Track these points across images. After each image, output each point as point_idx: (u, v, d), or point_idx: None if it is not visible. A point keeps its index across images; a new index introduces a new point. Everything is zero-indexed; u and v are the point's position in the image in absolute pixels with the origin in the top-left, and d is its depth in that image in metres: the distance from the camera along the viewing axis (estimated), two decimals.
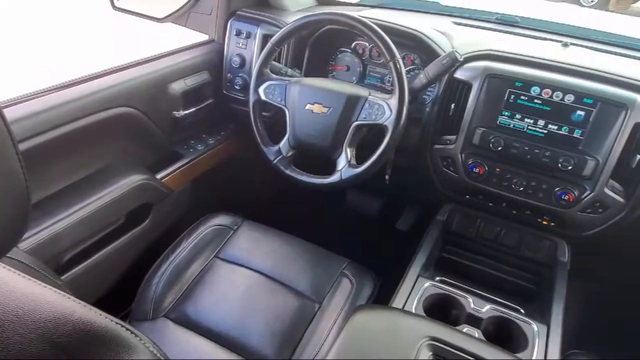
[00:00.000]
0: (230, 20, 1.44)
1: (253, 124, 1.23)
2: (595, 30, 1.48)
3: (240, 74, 1.43)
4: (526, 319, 1.01)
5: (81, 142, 1.12)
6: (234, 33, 1.43)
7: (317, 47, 1.39)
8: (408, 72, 1.31)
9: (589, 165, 1.06)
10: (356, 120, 1.11)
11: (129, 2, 1.44)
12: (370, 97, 1.11)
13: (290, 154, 1.20)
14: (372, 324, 0.87)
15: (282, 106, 1.19)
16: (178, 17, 1.50)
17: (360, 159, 1.14)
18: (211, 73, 1.45)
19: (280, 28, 1.20)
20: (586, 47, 1.34)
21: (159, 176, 1.31)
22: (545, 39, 1.38)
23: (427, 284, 1.07)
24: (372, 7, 1.61)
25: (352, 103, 1.11)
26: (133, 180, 1.20)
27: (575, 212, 1.11)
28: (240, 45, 1.43)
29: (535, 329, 0.99)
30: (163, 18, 1.48)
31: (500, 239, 1.24)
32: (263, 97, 1.21)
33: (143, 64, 1.27)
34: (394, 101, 1.07)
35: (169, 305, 1.10)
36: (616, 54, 1.32)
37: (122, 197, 1.17)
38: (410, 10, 1.59)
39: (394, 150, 1.17)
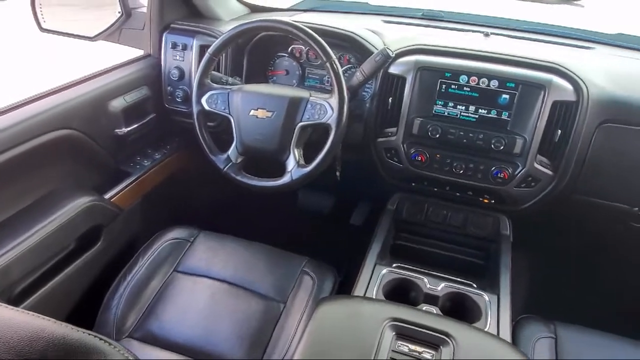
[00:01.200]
0: (164, 34, 1.44)
1: (199, 134, 1.24)
2: (512, 19, 1.60)
3: (180, 87, 1.43)
4: (478, 291, 1.09)
5: (22, 169, 1.09)
6: (170, 46, 1.43)
7: (255, 54, 1.42)
8: (345, 71, 1.37)
9: (518, 143, 1.15)
10: (300, 122, 1.15)
11: (57, 23, 1.40)
12: (311, 98, 1.15)
13: (239, 160, 1.22)
14: (336, 314, 0.90)
15: (226, 114, 1.20)
16: (110, 34, 1.47)
17: (308, 158, 1.18)
18: (150, 88, 1.43)
19: (216, 38, 1.22)
20: (505, 35, 1.45)
21: (107, 196, 1.28)
22: (468, 30, 1.48)
23: (385, 270, 1.12)
24: (304, 11, 1.66)
25: (294, 105, 1.14)
26: (80, 203, 1.18)
27: (512, 187, 1.20)
28: (178, 57, 1.42)
29: (487, 299, 1.06)
30: (94, 36, 1.46)
31: (448, 221, 1.32)
32: (206, 107, 1.21)
33: (79, 84, 1.24)
34: (334, 100, 1.11)
35: (131, 326, 1.09)
36: (532, 40, 1.43)
37: (70, 221, 1.14)
38: (341, 12, 1.65)
39: (341, 146, 1.22)
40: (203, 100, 1.21)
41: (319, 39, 1.11)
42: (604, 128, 1.13)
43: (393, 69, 1.23)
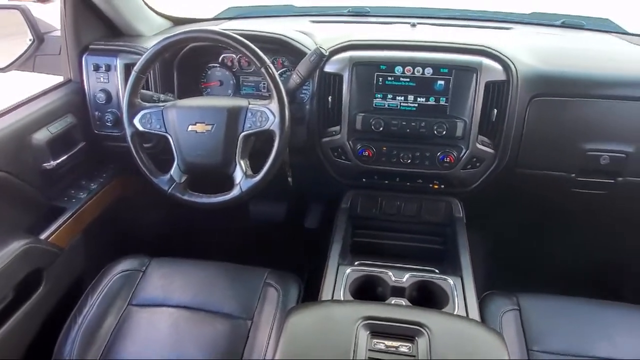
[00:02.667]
0: (84, 56, 1.35)
1: (136, 157, 1.17)
2: (435, 8, 1.65)
3: (109, 110, 1.35)
4: (442, 276, 1.10)
5: None
6: (92, 68, 1.34)
7: (184, 68, 1.36)
8: (281, 74, 1.34)
9: (459, 127, 1.18)
10: (242, 131, 1.11)
11: None
12: (250, 105, 1.12)
13: (183, 179, 1.16)
14: (307, 322, 0.88)
15: (163, 133, 1.14)
16: (23, 63, 1.37)
17: (256, 168, 1.14)
18: (76, 115, 1.34)
19: (141, 55, 1.15)
20: (430, 24, 1.49)
21: (43, 236, 1.18)
22: (395, 23, 1.51)
23: (349, 270, 1.11)
24: (230, 19, 1.62)
25: (234, 115, 1.11)
26: (14, 248, 1.08)
27: (458, 170, 1.23)
28: (102, 79, 1.34)
29: (452, 283, 1.08)
30: (5, 67, 1.35)
31: (402, 211, 1.33)
32: (140, 128, 1.15)
33: None
34: (274, 105, 1.09)
35: None
36: (456, 26, 1.48)
37: (5, 269, 1.04)
38: (268, 17, 1.63)
39: (288, 151, 1.19)
40: (136, 121, 1.15)
41: (250, 44, 1.08)
42: (536, 102, 1.18)
43: (329, 68, 1.22)
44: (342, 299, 1.04)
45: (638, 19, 1.58)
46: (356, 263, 1.22)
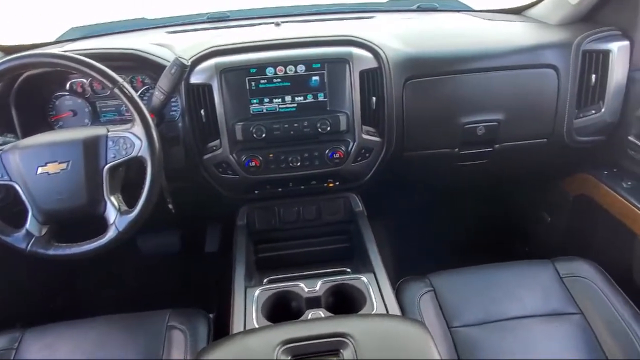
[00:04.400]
0: None
1: None
2: (297, 5, 1.62)
3: None
4: (355, 275, 1.06)
5: None
6: None
7: (24, 101, 1.16)
8: (143, 94, 1.21)
9: (342, 120, 1.15)
10: (106, 164, 0.96)
11: None
12: (110, 133, 0.97)
13: (44, 231, 0.98)
14: None
15: (7, 182, 0.95)
16: None
17: (131, 201, 1.00)
18: None
19: None
20: (294, 21, 1.45)
21: None
22: (259, 24, 1.44)
23: (257, 291, 1.02)
24: (75, 40, 1.43)
25: (92, 147, 0.96)
26: None
27: (350, 164, 1.20)
28: None
29: (365, 280, 1.04)
30: None
31: (302, 216, 1.28)
32: None
33: None
34: (138, 128, 0.96)
35: None
36: (320, 20, 1.46)
37: None
38: (118, 33, 1.46)
39: (164, 176, 1.07)
40: None
41: (96, 64, 0.94)
42: (410, 85, 1.20)
43: (195, 79, 1.12)
44: (255, 325, 0.94)
45: None
46: (265, 281, 1.14)
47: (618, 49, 1.24)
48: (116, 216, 0.98)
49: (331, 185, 1.26)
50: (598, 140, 1.33)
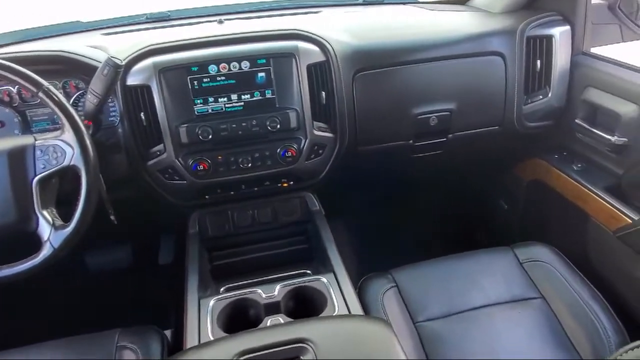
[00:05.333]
0: None
1: None
2: (242, 3, 1.56)
3: None
4: (315, 277, 1.02)
5: None
6: None
7: None
8: (77, 100, 1.12)
9: (292, 117, 1.11)
10: (35, 175, 0.88)
11: None
12: (37, 142, 0.89)
13: None
14: None
15: None
16: None
17: (69, 215, 0.92)
18: None
19: None
20: (239, 18, 1.40)
21: None
22: (201, 22, 1.38)
23: (212, 302, 0.96)
24: (3, 45, 1.32)
25: (17, 158, 0.87)
26: None
27: (303, 162, 1.16)
28: None
29: (325, 281, 1.00)
30: None
31: (257, 220, 1.23)
32: None
33: None
34: (68, 135, 0.88)
35: None
36: (266, 17, 1.41)
37: None
38: (51, 37, 1.37)
39: (104, 185, 1.00)
40: None
41: (17, 67, 0.86)
42: (359, 78, 1.17)
43: (131, 80, 1.05)
44: (211, 338, 0.89)
45: None
46: (222, 290, 1.09)
47: (560, 34, 1.26)
48: (50, 232, 0.90)
49: (285, 185, 1.21)
50: (547, 125, 1.35)
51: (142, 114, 1.06)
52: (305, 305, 0.98)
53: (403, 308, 1.09)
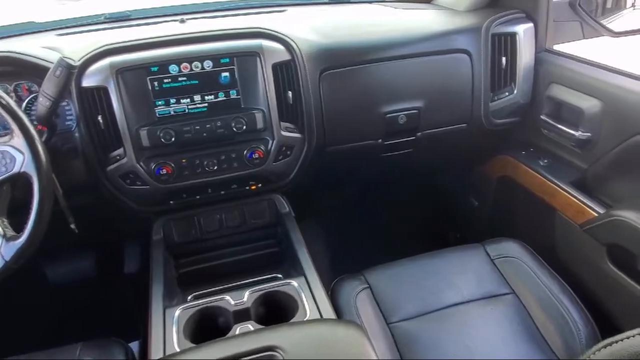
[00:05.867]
0: None
1: None
2: (206, 3, 1.52)
3: None
4: (285, 281, 0.99)
5: None
6: None
7: None
8: (31, 103, 1.06)
9: (258, 118, 1.08)
10: None
11: None
12: None
13: None
14: None
15: None
16: None
17: (20, 225, 0.87)
18: None
19: None
20: (205, 17, 1.36)
21: None
22: (161, 22, 1.34)
23: (178, 311, 0.92)
24: None
25: None
26: None
27: (271, 164, 1.14)
28: None
29: (296, 284, 0.97)
30: None
31: (226, 224, 1.19)
32: None
33: None
34: (18, 140, 0.83)
35: None
36: (230, 16, 1.38)
37: None
38: (1, 38, 1.29)
39: (65, 194, 0.95)
40: None
41: None
42: (326, 76, 1.15)
43: (87, 82, 1.00)
44: (176, 349, 0.85)
45: None
46: (189, 298, 1.05)
47: (524, 31, 1.27)
48: (2, 244, 0.84)
49: (253, 187, 1.18)
50: (514, 122, 1.36)
51: (99, 117, 1.02)
52: (276, 311, 0.95)
53: (376, 309, 1.08)
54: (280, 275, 1.13)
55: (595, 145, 1.15)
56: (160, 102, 1.04)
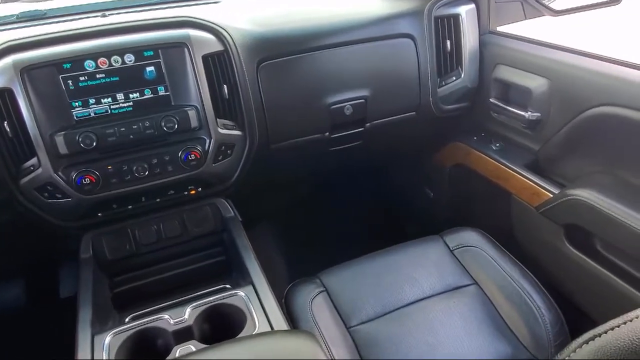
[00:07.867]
0: None
1: None
2: None
3: None
4: (232, 292, 0.90)
5: None
6: None
7: None
8: None
9: (192, 115, 0.99)
10: None
11: None
12: None
13: None
14: None
15: None
16: None
17: None
18: None
19: None
20: (130, 12, 1.25)
21: None
22: (81, 19, 1.21)
23: (108, 338, 0.82)
24: None
25: None
26: None
27: (210, 165, 1.04)
28: None
29: (243, 294, 0.89)
30: None
31: (165, 234, 1.08)
32: None
33: None
34: None
35: None
36: (157, 9, 1.27)
37: None
38: None
39: None
40: None
41: None
42: (264, 68, 1.07)
43: None
44: None
45: None
46: (127, 319, 0.93)
47: (466, 12, 1.24)
48: None
49: (193, 192, 1.08)
50: (463, 107, 1.32)
51: (5, 124, 0.89)
52: (222, 327, 0.86)
53: (334, 313, 1.00)
54: (229, 286, 1.04)
55: (545, 125, 1.13)
56: (77, 103, 0.92)
